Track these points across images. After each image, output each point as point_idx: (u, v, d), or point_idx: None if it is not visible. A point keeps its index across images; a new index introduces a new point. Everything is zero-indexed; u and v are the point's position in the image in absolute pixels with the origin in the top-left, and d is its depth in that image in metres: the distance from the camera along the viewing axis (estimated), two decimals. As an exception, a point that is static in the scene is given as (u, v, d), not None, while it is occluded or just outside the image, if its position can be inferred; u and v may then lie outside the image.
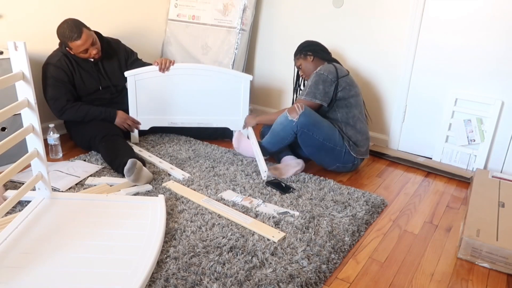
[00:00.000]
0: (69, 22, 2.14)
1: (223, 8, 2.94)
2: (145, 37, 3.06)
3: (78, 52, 2.20)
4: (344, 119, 2.17)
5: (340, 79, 2.16)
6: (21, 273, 1.27)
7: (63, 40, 2.17)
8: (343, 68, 2.23)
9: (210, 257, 1.45)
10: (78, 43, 2.15)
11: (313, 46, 2.32)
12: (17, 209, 1.71)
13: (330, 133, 2.11)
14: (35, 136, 1.57)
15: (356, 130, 2.18)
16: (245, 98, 2.54)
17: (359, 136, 2.19)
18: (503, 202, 1.88)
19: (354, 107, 2.19)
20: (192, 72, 2.45)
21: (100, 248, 1.42)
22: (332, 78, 2.14)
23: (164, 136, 2.64)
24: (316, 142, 2.11)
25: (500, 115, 2.30)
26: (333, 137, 2.12)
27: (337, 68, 2.19)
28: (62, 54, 2.24)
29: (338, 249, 1.56)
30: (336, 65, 2.21)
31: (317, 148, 2.14)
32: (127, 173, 1.88)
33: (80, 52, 2.20)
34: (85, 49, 2.20)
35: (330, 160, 2.18)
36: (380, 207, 1.92)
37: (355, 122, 2.18)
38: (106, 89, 2.40)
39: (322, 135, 2.10)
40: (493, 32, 2.23)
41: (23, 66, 1.45)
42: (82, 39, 2.15)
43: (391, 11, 2.51)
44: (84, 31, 2.16)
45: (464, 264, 1.56)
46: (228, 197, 1.89)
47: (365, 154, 2.24)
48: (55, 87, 2.22)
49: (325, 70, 2.16)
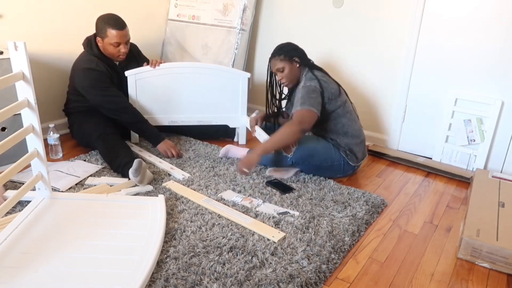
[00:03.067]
0: (115, 15, 2.19)
1: (223, 8, 2.94)
2: (145, 37, 3.06)
3: (109, 43, 2.18)
4: (334, 130, 2.13)
5: (325, 91, 2.05)
6: (21, 273, 1.27)
7: (104, 25, 2.15)
8: (325, 77, 2.12)
9: (210, 257, 1.45)
10: (118, 33, 2.16)
11: (299, 51, 2.18)
12: (17, 209, 1.71)
13: (326, 154, 2.12)
14: (35, 136, 1.57)
15: (349, 137, 2.12)
16: (244, 96, 2.55)
17: (354, 140, 2.14)
18: (503, 202, 1.88)
19: (342, 116, 2.11)
20: (191, 71, 2.45)
21: (100, 248, 1.42)
22: (319, 88, 2.04)
23: (164, 136, 2.64)
24: (314, 167, 2.15)
25: (500, 115, 2.30)
26: (329, 156, 2.12)
27: (319, 79, 2.07)
28: (96, 58, 2.23)
29: (338, 249, 1.56)
30: (318, 75, 2.09)
31: (316, 169, 2.17)
32: (134, 173, 1.88)
33: (112, 43, 2.18)
34: (117, 43, 2.19)
35: (331, 173, 2.19)
36: (380, 207, 1.92)
37: (346, 130, 2.12)
38: None
39: (319, 160, 2.12)
40: (493, 32, 2.23)
41: (23, 66, 1.45)
42: (123, 32, 2.18)
43: (392, 11, 2.51)
44: (127, 27, 2.20)
45: (464, 264, 1.56)
46: (228, 197, 1.89)
47: (362, 158, 2.22)
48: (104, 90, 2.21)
49: (311, 83, 2.05)
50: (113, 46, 2.20)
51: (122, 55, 2.26)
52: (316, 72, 2.13)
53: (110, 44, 2.19)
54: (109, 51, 2.23)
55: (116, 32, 2.15)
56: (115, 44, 2.19)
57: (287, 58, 2.13)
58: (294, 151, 2.09)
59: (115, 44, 2.19)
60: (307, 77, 2.10)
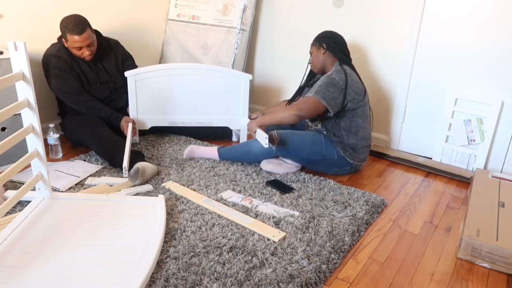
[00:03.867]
0: (76, 17, 2.16)
1: (223, 8, 2.94)
2: (145, 37, 3.06)
3: (71, 47, 2.21)
4: (347, 128, 2.13)
5: (349, 88, 2.08)
6: (21, 273, 1.27)
7: (64, 30, 2.17)
8: (354, 75, 2.14)
9: (210, 257, 1.45)
10: (76, 38, 2.15)
11: (331, 39, 2.19)
12: (17, 209, 1.71)
13: (313, 148, 2.14)
14: (35, 136, 1.57)
15: (358, 138, 2.15)
16: (245, 97, 2.54)
17: (361, 142, 2.17)
18: (503, 202, 1.88)
19: (359, 116, 2.14)
20: (192, 72, 2.45)
21: (100, 248, 1.42)
22: (342, 85, 2.07)
23: (164, 136, 2.64)
24: (302, 159, 2.18)
25: (500, 115, 2.30)
26: (319, 150, 2.14)
27: (348, 75, 2.10)
28: (61, 46, 2.26)
29: (338, 249, 1.56)
30: (347, 71, 2.12)
31: (305, 162, 2.21)
32: (132, 179, 1.93)
33: (74, 47, 2.20)
34: (79, 47, 2.20)
35: (325, 168, 2.21)
36: (380, 207, 1.92)
37: (358, 130, 2.14)
38: (105, 85, 2.39)
39: (306, 153, 2.14)
40: (493, 32, 2.23)
41: (23, 66, 1.45)
42: (82, 37, 2.15)
43: (392, 11, 2.51)
44: (87, 30, 2.17)
45: (464, 264, 1.56)
46: (228, 197, 1.89)
47: (363, 160, 2.23)
48: (61, 78, 2.23)
49: (337, 75, 2.08)
50: (76, 49, 2.22)
51: (87, 57, 2.27)
52: (346, 67, 2.15)
53: (73, 48, 2.21)
54: (73, 53, 2.26)
55: (76, 37, 2.16)
56: (77, 48, 2.21)
57: (316, 43, 2.23)
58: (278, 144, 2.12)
59: (77, 48, 2.21)
60: (336, 69, 2.14)
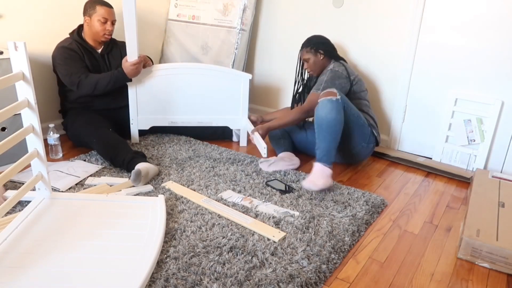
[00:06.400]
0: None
1: (223, 8, 2.94)
2: (145, 37, 3.06)
3: (97, 19, 2.24)
4: (359, 107, 2.27)
5: (351, 74, 2.26)
6: (21, 273, 1.27)
7: (92, 4, 2.23)
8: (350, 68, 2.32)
9: (210, 257, 1.45)
10: (106, 9, 2.24)
11: (325, 45, 2.36)
12: (17, 209, 1.71)
13: (358, 111, 2.21)
14: (35, 136, 1.57)
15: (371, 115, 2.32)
16: (245, 97, 2.55)
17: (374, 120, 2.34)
18: (503, 202, 1.88)
19: (364, 99, 2.31)
20: (192, 72, 2.45)
21: (100, 248, 1.42)
22: (346, 74, 2.24)
23: (164, 136, 2.64)
24: (351, 118, 2.13)
25: (500, 115, 2.30)
26: (361, 114, 2.22)
27: (346, 66, 2.29)
28: (73, 40, 2.29)
29: (338, 249, 1.56)
30: (345, 64, 2.31)
31: (352, 124, 2.14)
32: (134, 182, 1.92)
33: (99, 19, 2.23)
34: (105, 19, 2.25)
35: (359, 138, 2.21)
36: (380, 207, 1.92)
37: (368, 110, 2.31)
38: None
39: (356, 112, 2.17)
40: (493, 32, 2.23)
41: (23, 66, 1.45)
42: (111, 10, 2.27)
43: (391, 11, 2.51)
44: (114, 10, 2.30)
45: (464, 264, 1.56)
46: (228, 197, 1.89)
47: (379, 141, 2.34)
48: (68, 64, 2.24)
49: (339, 68, 2.25)
50: (100, 22, 2.25)
51: (107, 34, 2.30)
52: (341, 61, 2.34)
53: (98, 20, 2.24)
54: (95, 29, 2.27)
55: (105, 8, 2.24)
56: (103, 19, 2.24)
57: (312, 50, 2.33)
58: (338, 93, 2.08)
59: (103, 19, 2.24)
60: (335, 64, 2.28)
